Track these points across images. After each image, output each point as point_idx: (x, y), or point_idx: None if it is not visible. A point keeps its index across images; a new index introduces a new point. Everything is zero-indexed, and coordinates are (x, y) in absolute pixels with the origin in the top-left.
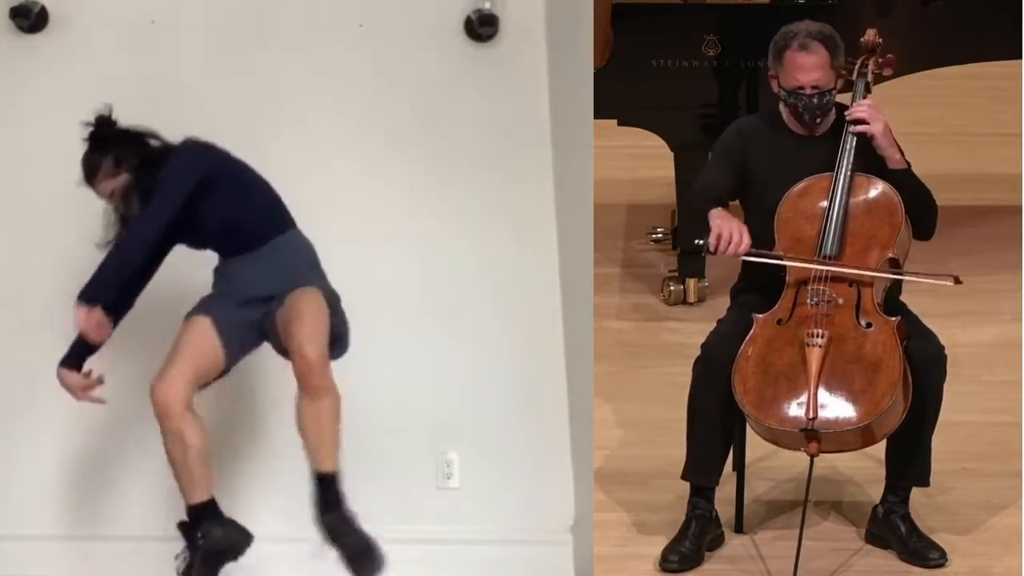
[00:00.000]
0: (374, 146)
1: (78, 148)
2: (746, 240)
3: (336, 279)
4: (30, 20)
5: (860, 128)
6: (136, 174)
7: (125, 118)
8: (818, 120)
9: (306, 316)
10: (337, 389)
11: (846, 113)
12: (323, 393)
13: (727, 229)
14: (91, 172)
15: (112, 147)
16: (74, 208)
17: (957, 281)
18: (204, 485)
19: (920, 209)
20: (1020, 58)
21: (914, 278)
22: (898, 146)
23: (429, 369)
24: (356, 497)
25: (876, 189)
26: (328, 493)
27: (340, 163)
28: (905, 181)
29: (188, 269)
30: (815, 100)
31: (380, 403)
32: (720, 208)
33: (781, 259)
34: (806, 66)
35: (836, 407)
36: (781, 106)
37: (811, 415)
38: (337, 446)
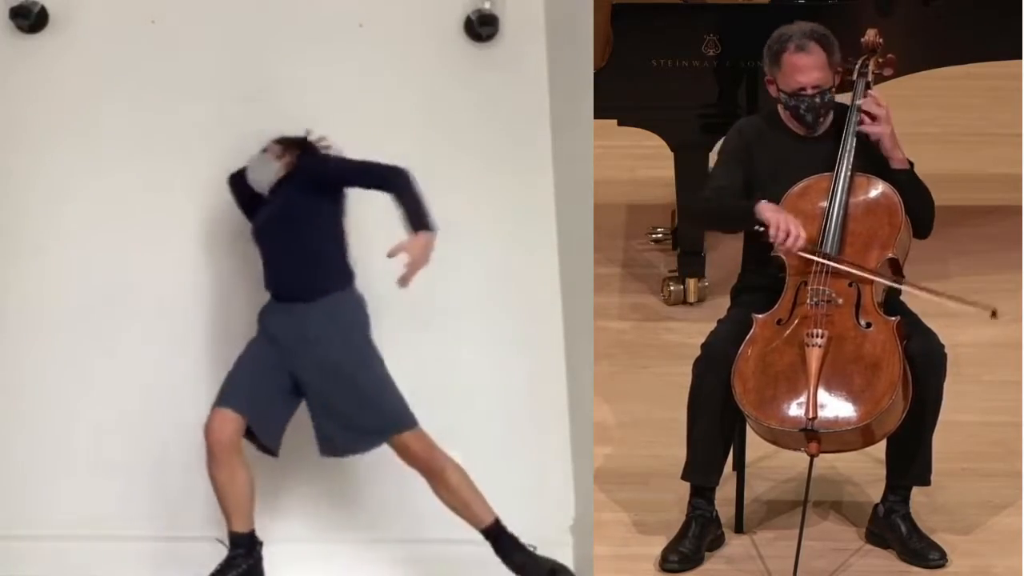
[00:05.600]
0: (373, 146)
1: (75, 147)
2: (803, 235)
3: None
4: (30, 20)
5: (870, 128)
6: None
7: (124, 117)
8: (820, 120)
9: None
10: (449, 458)
11: (859, 103)
12: (441, 469)
13: (785, 222)
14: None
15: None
16: (74, 207)
17: (994, 315)
18: None
19: (920, 209)
20: (1020, 58)
21: (953, 303)
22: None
23: (429, 369)
24: (357, 498)
25: (876, 189)
26: (502, 541)
27: None
28: (907, 181)
29: (186, 273)
30: (817, 100)
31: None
32: (766, 200)
33: (833, 261)
34: (806, 67)
35: (836, 407)
36: (780, 107)
37: (811, 415)
38: (480, 499)
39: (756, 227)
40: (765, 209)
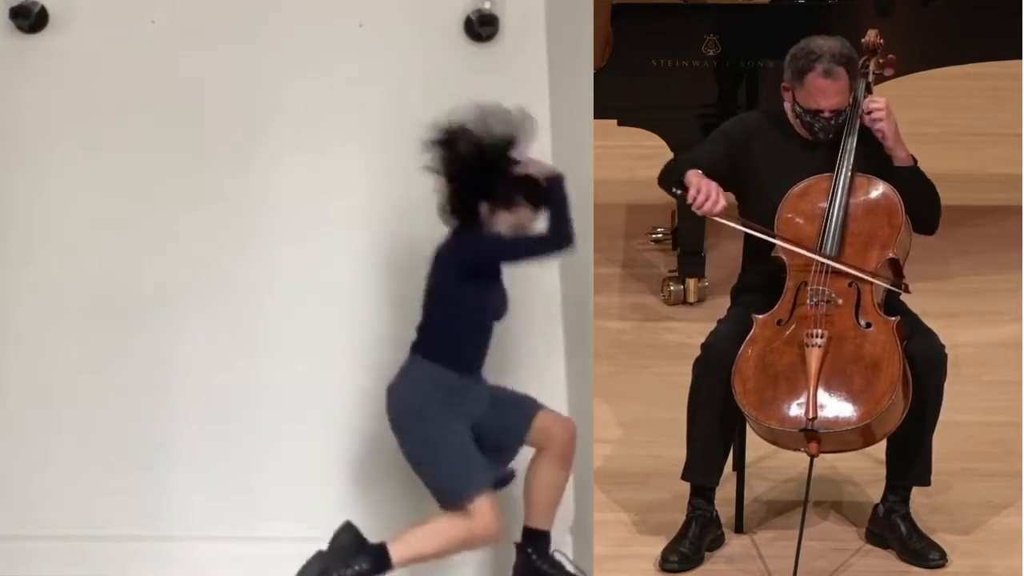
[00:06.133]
0: (374, 146)
1: (76, 147)
2: (722, 201)
3: (336, 280)
4: (30, 20)
5: (878, 125)
6: None
7: (124, 118)
8: (831, 136)
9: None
10: None
11: (861, 107)
12: (571, 455)
13: (705, 186)
14: None
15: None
16: (74, 207)
17: (906, 290)
18: None
19: (925, 205)
20: (1020, 58)
21: (875, 280)
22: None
23: None
24: (358, 497)
25: (876, 190)
26: (545, 545)
27: (339, 163)
28: (911, 178)
29: (179, 270)
30: (832, 122)
31: (380, 403)
32: (699, 170)
33: (750, 227)
34: (829, 92)
35: (836, 407)
36: (790, 112)
37: (811, 415)
38: (556, 509)
39: (675, 190)
40: (692, 175)
